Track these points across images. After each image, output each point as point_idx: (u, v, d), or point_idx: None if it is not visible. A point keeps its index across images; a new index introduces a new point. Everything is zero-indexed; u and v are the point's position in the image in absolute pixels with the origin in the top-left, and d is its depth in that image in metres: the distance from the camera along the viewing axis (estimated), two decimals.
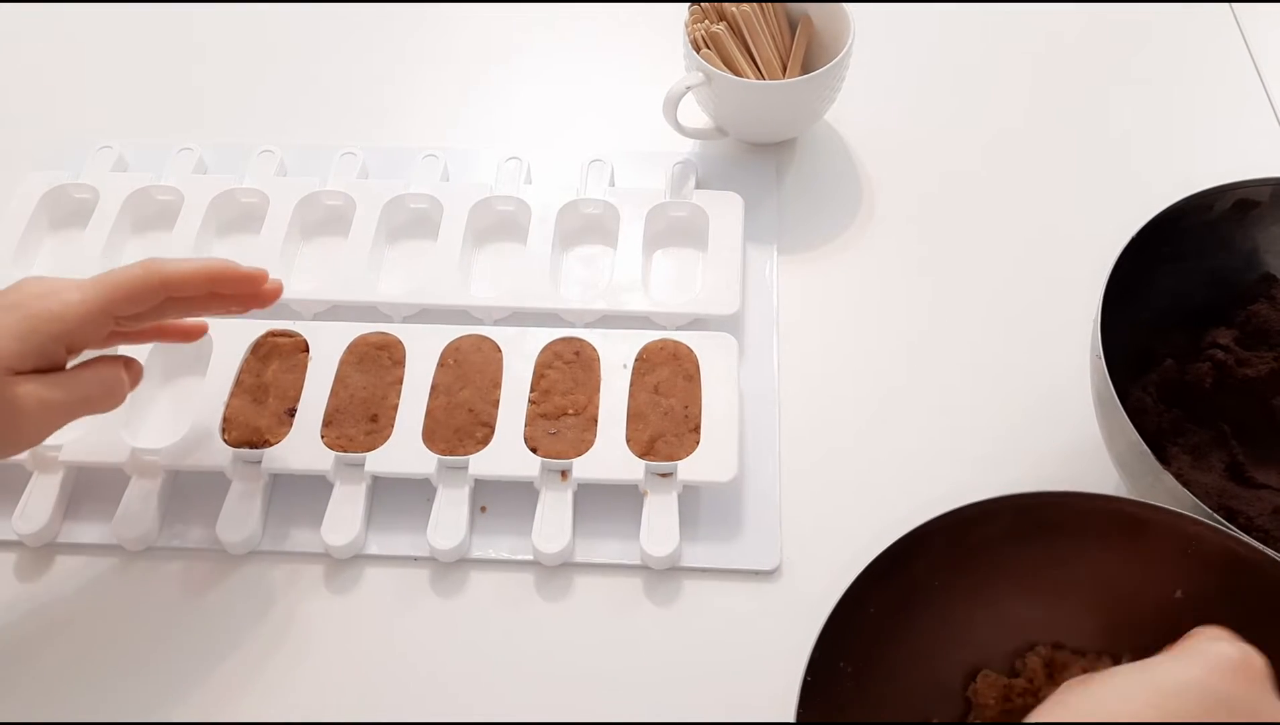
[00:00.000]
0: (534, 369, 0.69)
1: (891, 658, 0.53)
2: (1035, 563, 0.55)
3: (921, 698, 0.55)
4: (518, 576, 0.64)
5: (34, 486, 0.66)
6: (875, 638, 0.52)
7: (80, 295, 0.55)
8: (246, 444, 0.67)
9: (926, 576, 0.54)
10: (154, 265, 0.57)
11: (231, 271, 0.60)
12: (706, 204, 0.78)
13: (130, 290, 0.57)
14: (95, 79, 0.93)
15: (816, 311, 0.76)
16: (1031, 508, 0.53)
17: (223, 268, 0.59)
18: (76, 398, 0.57)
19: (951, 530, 0.52)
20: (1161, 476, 0.53)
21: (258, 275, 0.61)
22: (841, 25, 0.79)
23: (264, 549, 0.65)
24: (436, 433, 0.67)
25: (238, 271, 0.60)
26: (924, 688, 0.55)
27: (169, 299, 0.58)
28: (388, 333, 0.71)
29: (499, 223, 0.79)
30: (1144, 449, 0.54)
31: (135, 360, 0.62)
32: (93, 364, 0.58)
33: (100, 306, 0.56)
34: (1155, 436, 0.62)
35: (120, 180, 0.81)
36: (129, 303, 0.57)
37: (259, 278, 0.61)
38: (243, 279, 0.60)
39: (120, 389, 0.59)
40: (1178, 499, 0.53)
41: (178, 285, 0.58)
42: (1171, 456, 0.62)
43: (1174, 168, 0.82)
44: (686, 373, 0.69)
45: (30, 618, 0.64)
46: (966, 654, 0.56)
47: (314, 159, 0.83)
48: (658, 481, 0.65)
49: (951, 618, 0.55)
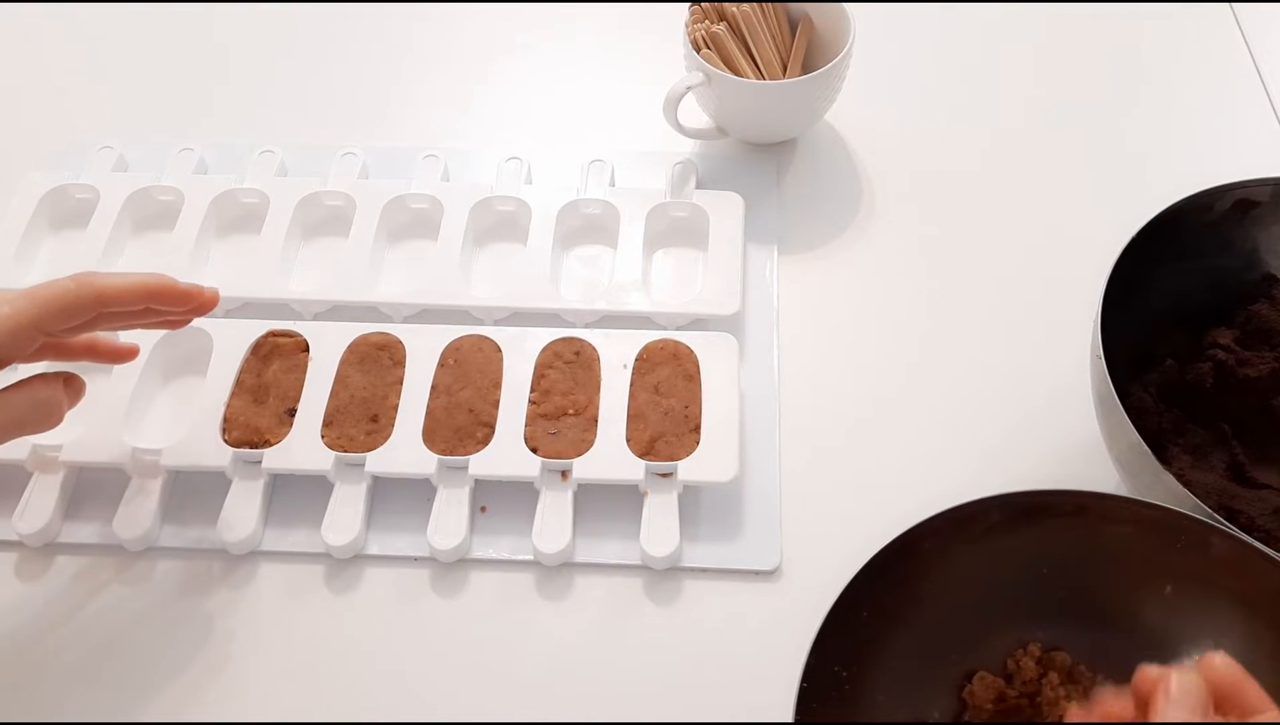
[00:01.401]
0: (534, 369, 0.69)
1: (886, 660, 0.53)
2: (1026, 561, 0.55)
3: (916, 699, 0.55)
4: (518, 576, 0.64)
5: (34, 487, 0.66)
6: (869, 641, 0.52)
7: (9, 308, 0.53)
8: (247, 444, 0.67)
9: (919, 578, 0.54)
10: (88, 278, 0.55)
11: (169, 287, 0.57)
12: (707, 204, 0.78)
13: (63, 304, 0.54)
14: (96, 79, 0.93)
15: (817, 311, 0.76)
16: (1022, 506, 0.53)
17: (159, 283, 0.57)
18: (8, 420, 0.54)
19: (942, 532, 0.53)
20: (1162, 476, 0.53)
21: (193, 291, 0.59)
22: (842, 25, 0.79)
23: (264, 549, 0.65)
24: (437, 433, 0.67)
25: (175, 287, 0.58)
26: (919, 689, 0.55)
27: (102, 313, 0.56)
28: (388, 333, 0.71)
29: (499, 223, 0.79)
30: (1144, 449, 0.54)
31: (75, 376, 0.58)
32: (27, 383, 0.56)
33: (30, 320, 0.53)
34: (1156, 436, 0.62)
35: (121, 180, 0.81)
36: (61, 317, 0.54)
37: (195, 294, 0.59)
38: (180, 295, 0.58)
39: (58, 410, 0.57)
40: (1178, 499, 0.53)
41: (112, 300, 0.56)
42: (1172, 456, 0.62)
43: (1174, 168, 0.82)
44: (687, 373, 0.69)
45: (31, 618, 0.63)
46: (961, 655, 0.56)
47: (314, 159, 0.83)
48: (658, 481, 0.65)
49: (945, 619, 0.55)
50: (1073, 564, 0.54)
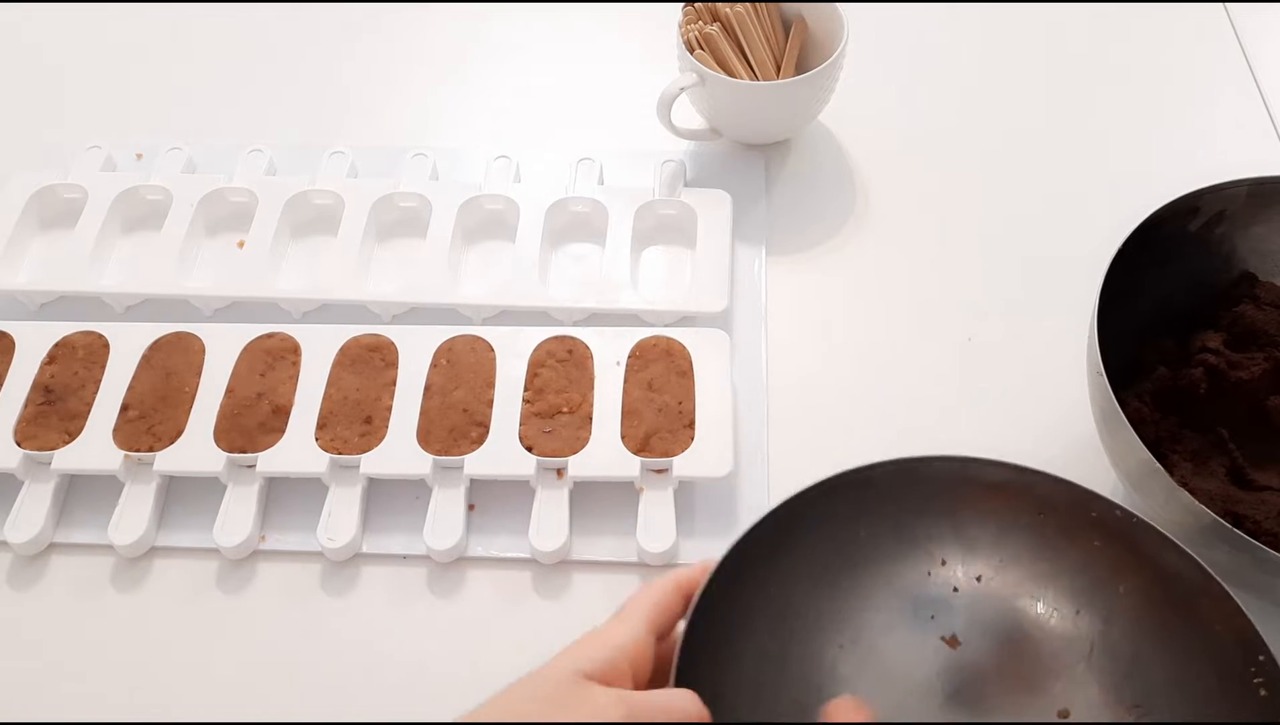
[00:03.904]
0: (527, 368, 0.70)
1: (778, 639, 0.52)
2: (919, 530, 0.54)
3: (805, 681, 0.52)
4: (515, 574, 0.65)
5: (26, 494, 0.66)
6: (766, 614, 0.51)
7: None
8: (240, 448, 0.67)
9: (812, 549, 0.52)
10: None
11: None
12: (695, 202, 0.78)
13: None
14: (82, 79, 0.93)
15: (806, 310, 0.76)
16: (915, 474, 0.52)
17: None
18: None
19: (821, 501, 0.51)
20: (1175, 492, 0.53)
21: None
22: (835, 26, 0.79)
23: (261, 550, 0.66)
24: (431, 433, 0.67)
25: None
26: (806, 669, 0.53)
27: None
28: (380, 334, 0.71)
29: (488, 221, 0.80)
30: (1156, 467, 0.54)
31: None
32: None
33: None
34: (1155, 445, 0.60)
35: (109, 180, 0.81)
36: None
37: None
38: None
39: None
40: (1189, 511, 0.53)
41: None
42: (1173, 464, 0.61)
43: (1169, 168, 0.83)
44: (679, 369, 0.69)
45: (25, 625, 0.64)
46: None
47: (303, 158, 0.83)
48: (653, 477, 0.66)
49: (827, 596, 0.53)
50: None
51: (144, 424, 0.68)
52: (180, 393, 0.69)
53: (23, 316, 0.76)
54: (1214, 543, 0.53)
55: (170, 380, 0.70)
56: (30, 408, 0.69)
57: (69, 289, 0.76)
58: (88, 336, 0.72)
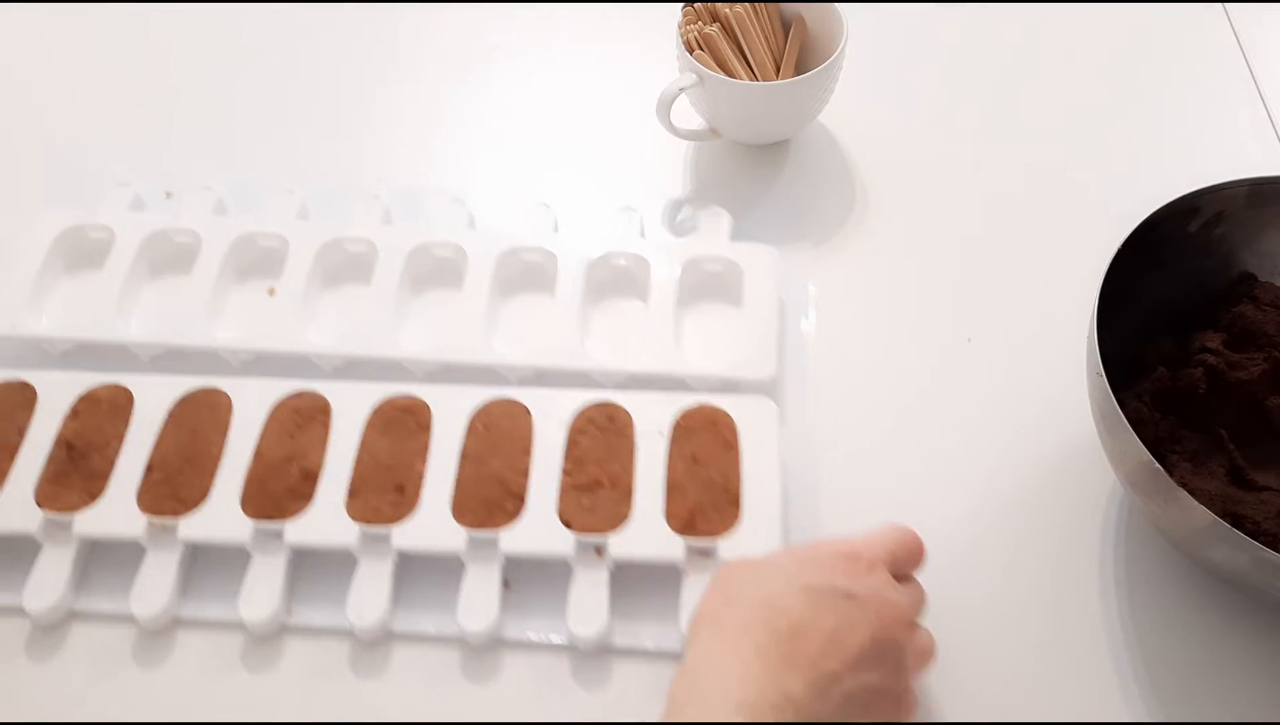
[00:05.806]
0: (567, 435, 0.67)
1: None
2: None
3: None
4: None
5: (44, 560, 0.64)
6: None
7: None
8: (267, 515, 0.64)
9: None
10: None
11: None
12: (740, 258, 0.75)
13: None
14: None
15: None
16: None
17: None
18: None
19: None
20: (1175, 493, 0.53)
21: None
22: (835, 26, 0.79)
23: (288, 625, 0.63)
24: (465, 505, 0.64)
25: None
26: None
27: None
28: (414, 396, 0.69)
29: (526, 272, 0.77)
30: (1156, 467, 0.54)
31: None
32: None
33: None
34: (1154, 446, 0.60)
35: (137, 221, 0.78)
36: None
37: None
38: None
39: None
40: (1188, 511, 0.53)
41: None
42: (1173, 465, 0.61)
43: (1167, 169, 0.81)
44: (725, 441, 0.66)
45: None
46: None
47: (335, 200, 0.80)
48: (698, 559, 0.63)
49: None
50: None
51: (168, 488, 0.66)
52: (206, 454, 0.67)
53: (45, 363, 0.73)
54: (1213, 543, 0.54)
55: (196, 440, 0.67)
56: (52, 466, 0.67)
57: (94, 338, 0.73)
58: (112, 390, 0.70)
